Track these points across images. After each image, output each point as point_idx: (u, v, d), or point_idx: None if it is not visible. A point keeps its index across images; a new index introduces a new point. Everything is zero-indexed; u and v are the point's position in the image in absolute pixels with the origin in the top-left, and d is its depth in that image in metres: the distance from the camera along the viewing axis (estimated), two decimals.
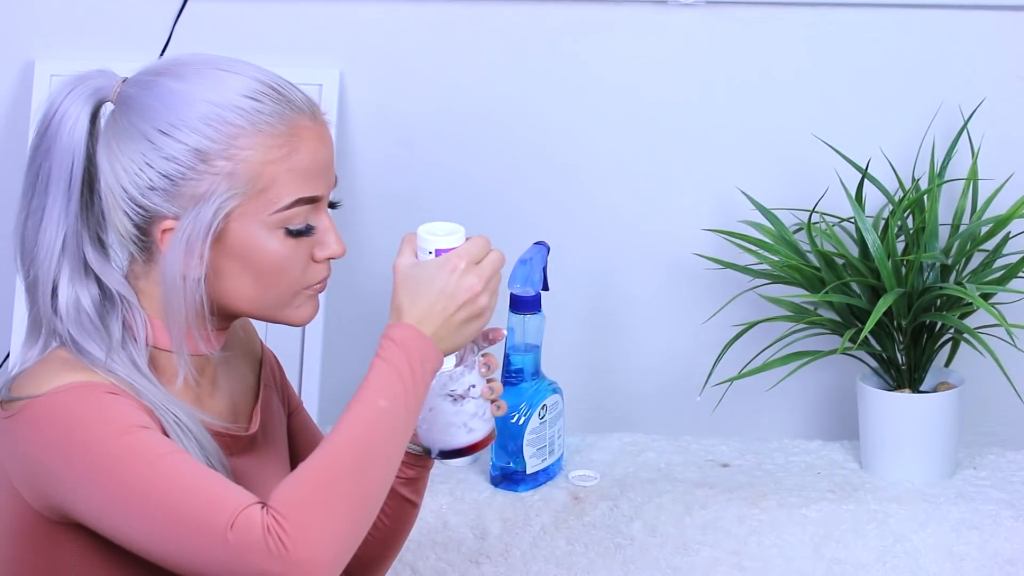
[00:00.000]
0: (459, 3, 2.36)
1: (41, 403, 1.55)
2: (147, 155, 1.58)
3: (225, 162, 1.57)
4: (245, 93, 1.58)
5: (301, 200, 1.59)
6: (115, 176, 1.60)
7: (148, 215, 1.60)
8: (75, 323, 1.61)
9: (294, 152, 1.59)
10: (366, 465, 1.52)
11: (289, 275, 1.62)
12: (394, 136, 2.41)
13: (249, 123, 1.58)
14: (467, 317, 1.60)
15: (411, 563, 2.15)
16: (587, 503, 2.18)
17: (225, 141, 1.57)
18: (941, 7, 2.31)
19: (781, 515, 2.15)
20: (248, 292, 1.62)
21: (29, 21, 2.40)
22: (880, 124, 2.34)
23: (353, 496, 1.51)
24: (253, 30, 2.38)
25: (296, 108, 1.60)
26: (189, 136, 1.57)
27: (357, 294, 2.44)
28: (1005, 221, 2.21)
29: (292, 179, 1.59)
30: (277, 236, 1.59)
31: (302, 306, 1.65)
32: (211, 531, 1.47)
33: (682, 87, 2.37)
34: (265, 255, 1.60)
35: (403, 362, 1.56)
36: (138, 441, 1.51)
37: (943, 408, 2.21)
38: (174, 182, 1.58)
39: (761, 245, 2.27)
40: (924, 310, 2.20)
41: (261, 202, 1.58)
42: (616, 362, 2.45)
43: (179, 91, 1.59)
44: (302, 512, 1.47)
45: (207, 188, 1.57)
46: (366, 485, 1.52)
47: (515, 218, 2.41)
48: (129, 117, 1.59)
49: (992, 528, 2.13)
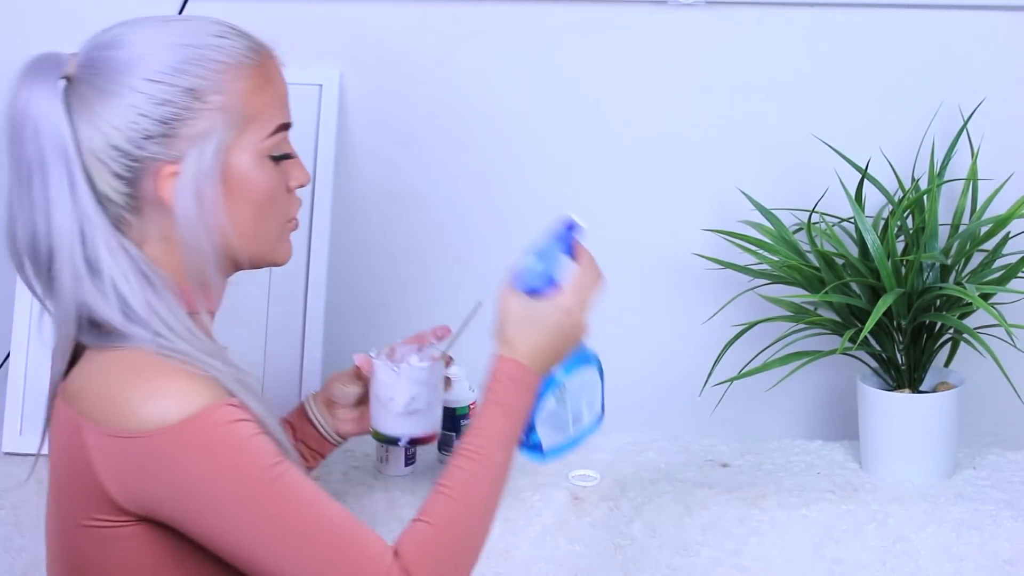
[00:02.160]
0: (459, 3, 2.36)
1: (185, 432, 1.57)
2: (139, 106, 1.62)
3: (217, 96, 1.64)
4: (214, 33, 1.67)
5: (283, 126, 1.69)
6: (103, 138, 1.62)
7: (142, 167, 1.63)
8: (129, 294, 1.63)
9: (270, 81, 1.69)
10: (486, 521, 1.66)
11: (278, 204, 1.70)
12: (394, 136, 2.41)
13: (230, 58, 1.66)
14: (570, 346, 1.78)
15: None
16: (587, 503, 2.18)
17: (214, 77, 1.64)
18: (941, 7, 2.31)
19: (781, 515, 2.16)
20: (248, 226, 1.68)
21: (29, 22, 2.40)
22: (880, 124, 2.34)
23: (475, 551, 1.65)
24: (253, 30, 2.37)
25: (259, 43, 1.71)
26: (179, 77, 1.63)
27: (357, 294, 2.44)
28: (1005, 221, 2.21)
29: (274, 106, 1.69)
30: (266, 165, 1.68)
31: (284, 241, 1.74)
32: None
33: (682, 87, 2.37)
34: (259, 184, 1.67)
35: (519, 405, 1.72)
36: (287, 483, 1.58)
37: (943, 408, 2.21)
38: (171, 125, 1.63)
39: (761, 245, 2.27)
40: (924, 310, 2.20)
41: (251, 132, 1.66)
42: (616, 362, 2.45)
43: (150, 41, 1.64)
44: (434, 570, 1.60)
45: (205, 125, 1.64)
46: (484, 536, 1.66)
47: (515, 218, 2.41)
48: (107, 76, 1.63)
49: (992, 528, 2.13)
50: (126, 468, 1.58)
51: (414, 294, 2.44)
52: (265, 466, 1.57)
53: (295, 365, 2.35)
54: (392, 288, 2.45)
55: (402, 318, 2.45)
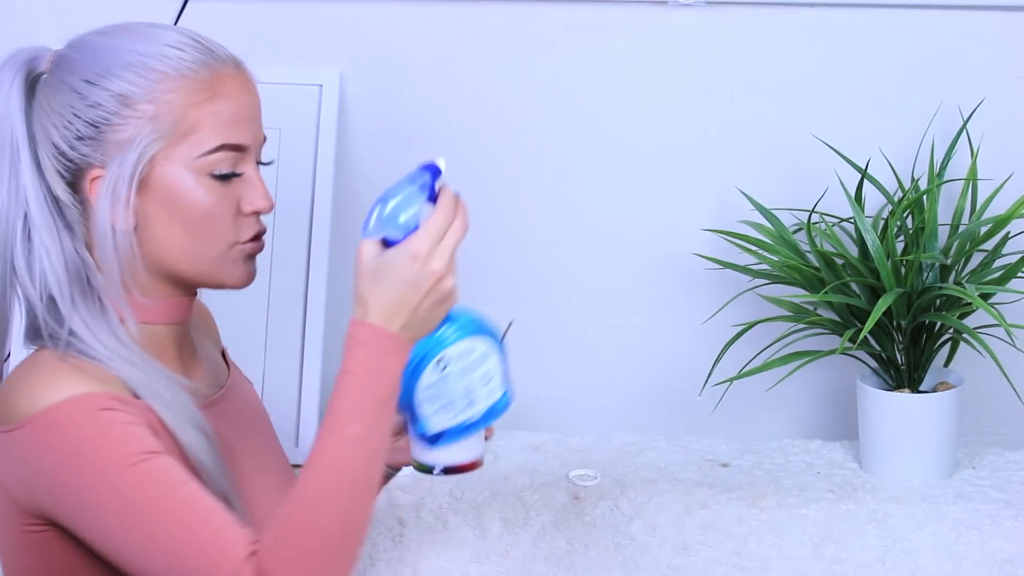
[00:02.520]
0: (459, 3, 2.36)
1: (46, 419, 1.54)
2: (74, 106, 1.62)
3: (148, 105, 1.61)
4: (170, 43, 1.63)
5: (226, 146, 1.62)
6: (47, 134, 1.62)
7: (77, 168, 1.62)
8: (56, 291, 1.61)
9: (216, 97, 1.63)
10: (349, 503, 1.51)
11: (217, 225, 1.64)
12: (394, 136, 2.41)
13: (172, 68, 1.62)
14: (434, 303, 1.57)
15: (411, 563, 2.15)
16: (587, 503, 2.18)
17: (148, 86, 1.61)
18: (941, 7, 2.31)
19: (781, 515, 2.16)
20: (179, 243, 1.63)
21: (30, 22, 2.40)
22: (880, 124, 2.34)
23: (340, 540, 1.50)
24: (253, 30, 2.38)
25: (219, 58, 1.65)
26: (114, 83, 1.61)
27: None
28: (1004, 221, 2.21)
29: (216, 123, 1.62)
30: (203, 182, 1.62)
31: (236, 264, 1.66)
32: (213, 566, 1.48)
33: (682, 87, 2.37)
34: (191, 201, 1.62)
35: (375, 369, 1.53)
36: (149, 472, 1.52)
37: (942, 408, 2.21)
38: (99, 129, 1.61)
39: (761, 245, 2.27)
40: (923, 310, 2.20)
41: (185, 146, 1.61)
42: (616, 362, 2.45)
43: (106, 44, 1.63)
44: (293, 565, 1.48)
45: (131, 133, 1.61)
46: (350, 522, 1.51)
47: (514, 218, 2.41)
48: (60, 75, 1.63)
49: (991, 528, 2.13)
50: (10, 464, 1.57)
51: None
52: (128, 453, 1.51)
53: (295, 365, 2.35)
54: None
55: None
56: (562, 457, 2.31)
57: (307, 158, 2.36)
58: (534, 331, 2.44)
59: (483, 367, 1.68)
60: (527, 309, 2.43)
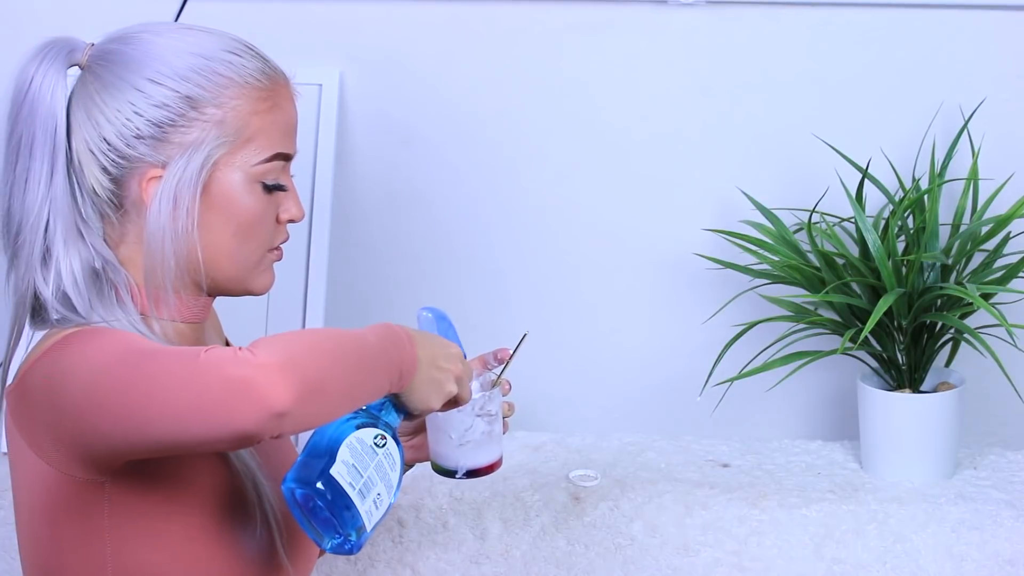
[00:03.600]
0: (459, 3, 2.36)
1: (44, 357, 1.58)
2: (136, 103, 1.62)
3: (215, 110, 1.63)
4: (228, 49, 1.66)
5: (280, 155, 1.66)
6: (96, 129, 1.63)
7: (130, 165, 1.63)
8: (72, 289, 1.63)
9: (276, 108, 1.66)
10: (339, 357, 1.51)
11: (262, 232, 1.67)
12: (394, 136, 2.41)
13: (237, 75, 1.64)
14: (440, 373, 1.64)
15: (411, 563, 2.15)
16: (587, 503, 2.18)
17: (215, 90, 1.63)
18: (941, 7, 2.31)
19: (781, 515, 2.15)
20: (226, 247, 1.66)
21: (29, 22, 2.40)
22: (880, 124, 2.34)
23: (323, 365, 1.49)
24: (253, 30, 2.36)
25: (273, 69, 1.68)
26: (181, 84, 1.62)
27: (357, 293, 2.44)
28: (1005, 221, 2.21)
29: (274, 133, 1.66)
30: (255, 190, 1.65)
31: (266, 271, 1.71)
32: (187, 356, 1.46)
33: (682, 87, 2.37)
34: (244, 207, 1.65)
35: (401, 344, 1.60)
36: (149, 347, 1.52)
37: (943, 408, 2.21)
38: (163, 129, 1.62)
39: (761, 245, 2.27)
40: (924, 310, 2.19)
41: (245, 152, 1.64)
42: (616, 362, 2.45)
43: (165, 44, 1.64)
44: (278, 345, 1.46)
45: (197, 136, 1.62)
46: (334, 369, 1.50)
47: (515, 218, 2.41)
48: (113, 70, 1.63)
49: (992, 528, 2.13)
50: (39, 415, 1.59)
51: (414, 294, 2.44)
52: (129, 341, 1.54)
53: None
54: (392, 288, 2.45)
55: (402, 318, 2.45)
56: (562, 457, 2.30)
57: (307, 157, 2.36)
58: (534, 331, 2.44)
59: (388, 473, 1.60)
60: (527, 309, 2.43)
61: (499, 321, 2.43)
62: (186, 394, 1.45)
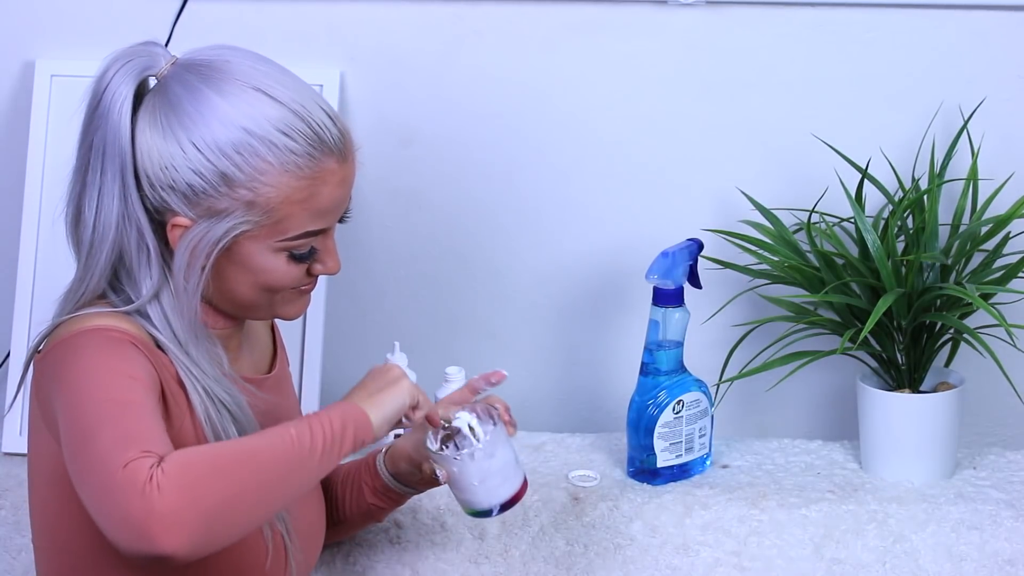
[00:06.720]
0: (459, 3, 2.36)
1: (62, 343, 1.63)
2: (175, 160, 1.65)
3: (247, 192, 1.64)
4: (280, 127, 1.65)
5: (309, 233, 1.68)
6: (147, 159, 1.66)
7: (164, 205, 1.67)
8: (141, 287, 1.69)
9: (314, 196, 1.67)
10: (262, 474, 1.55)
11: (286, 286, 1.72)
12: (394, 136, 2.41)
13: (278, 161, 1.64)
14: (384, 385, 1.70)
15: (411, 563, 2.15)
16: (587, 503, 2.18)
17: (251, 173, 1.64)
18: (941, 7, 2.31)
19: (781, 515, 2.15)
20: (246, 294, 1.71)
21: (29, 21, 2.40)
22: (880, 124, 2.34)
23: (238, 489, 1.52)
24: (253, 30, 2.37)
25: (326, 149, 1.68)
26: (219, 159, 1.64)
27: (357, 293, 2.44)
28: (1005, 221, 2.21)
29: (306, 216, 1.68)
30: (281, 258, 1.69)
31: (294, 302, 1.76)
32: (111, 463, 1.50)
33: (682, 87, 2.37)
34: (266, 272, 1.69)
35: (330, 419, 1.63)
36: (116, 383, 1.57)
37: (943, 408, 2.21)
38: (195, 192, 1.65)
39: (761, 245, 2.27)
40: (924, 310, 2.19)
41: (272, 232, 1.67)
42: (616, 362, 2.45)
43: (219, 108, 1.64)
44: (188, 478, 1.49)
45: (225, 207, 1.65)
46: (255, 489, 1.54)
47: (515, 218, 2.41)
48: (167, 114, 1.65)
49: (992, 528, 2.13)
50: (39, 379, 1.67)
51: (414, 294, 2.44)
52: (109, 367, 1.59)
53: (295, 366, 2.35)
54: (392, 288, 2.45)
55: (402, 318, 2.45)
56: (562, 457, 2.30)
57: None
58: (534, 331, 2.44)
59: (701, 421, 1.94)
60: (527, 308, 2.43)
61: (499, 321, 2.43)
62: (101, 497, 1.50)
